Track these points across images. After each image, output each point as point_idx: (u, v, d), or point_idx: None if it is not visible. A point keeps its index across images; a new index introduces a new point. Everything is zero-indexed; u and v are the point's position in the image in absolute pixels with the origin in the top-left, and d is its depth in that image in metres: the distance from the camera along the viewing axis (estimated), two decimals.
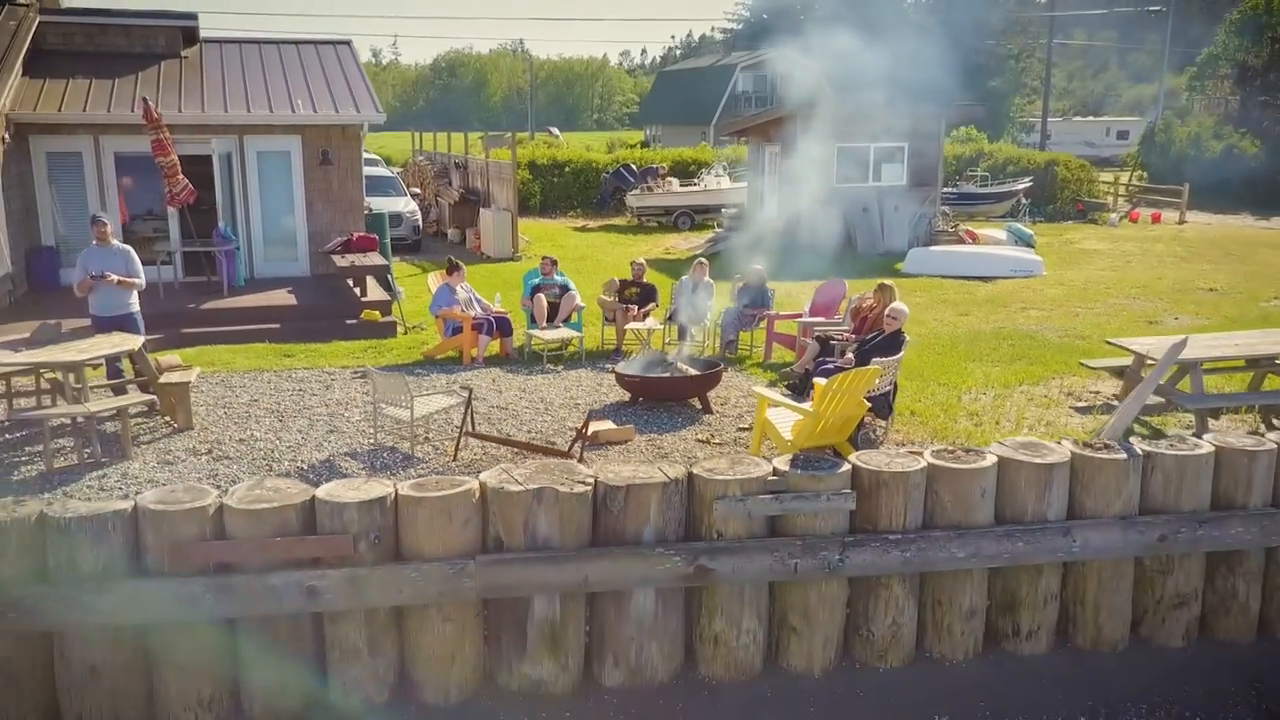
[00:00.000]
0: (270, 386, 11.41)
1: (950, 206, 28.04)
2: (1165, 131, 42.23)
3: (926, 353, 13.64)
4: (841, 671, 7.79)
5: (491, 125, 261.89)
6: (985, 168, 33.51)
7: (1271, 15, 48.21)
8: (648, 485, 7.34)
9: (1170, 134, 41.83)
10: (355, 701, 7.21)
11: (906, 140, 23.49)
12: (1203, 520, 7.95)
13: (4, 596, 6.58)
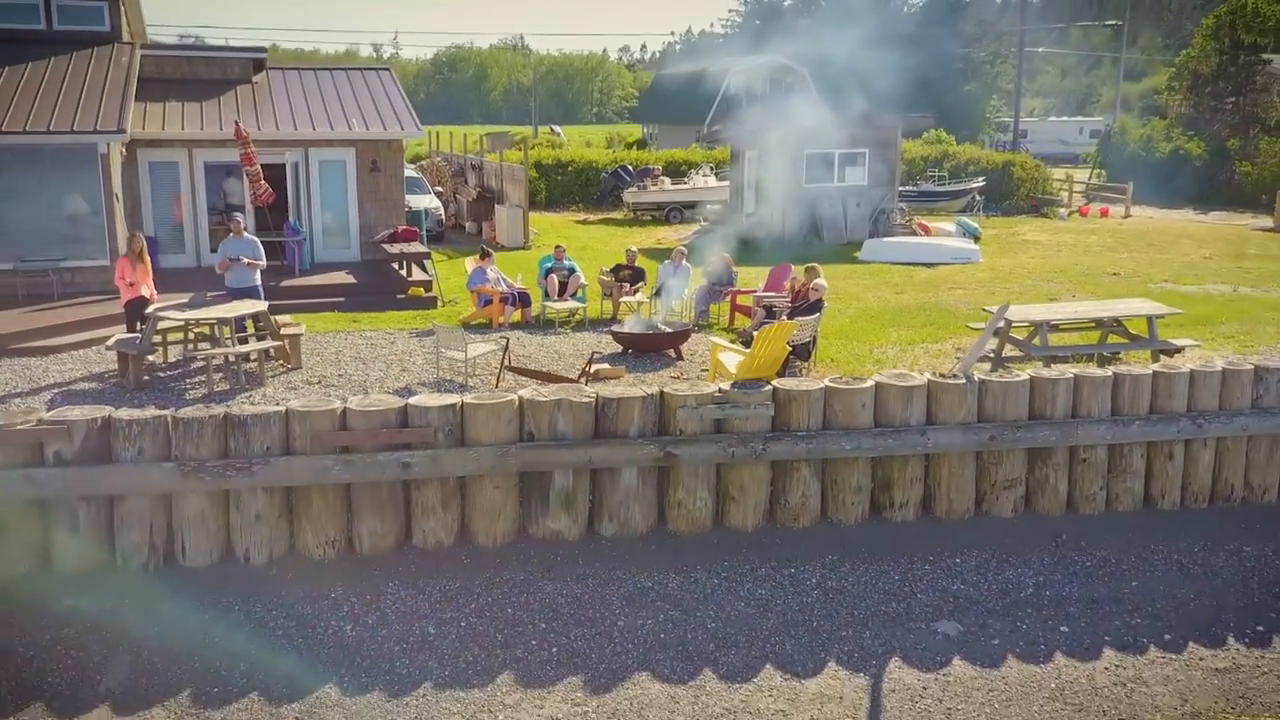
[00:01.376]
0: (348, 342, 14.64)
1: (911, 203, 31.31)
2: (1120, 134, 45.53)
3: (859, 320, 16.92)
4: (767, 529, 11.12)
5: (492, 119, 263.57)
6: (949, 168, 36.80)
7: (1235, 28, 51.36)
8: (632, 398, 10.68)
9: (1125, 136, 45.15)
10: (430, 544, 10.54)
11: (867, 146, 26.78)
12: (1020, 426, 11.29)
13: (200, 466, 9.91)
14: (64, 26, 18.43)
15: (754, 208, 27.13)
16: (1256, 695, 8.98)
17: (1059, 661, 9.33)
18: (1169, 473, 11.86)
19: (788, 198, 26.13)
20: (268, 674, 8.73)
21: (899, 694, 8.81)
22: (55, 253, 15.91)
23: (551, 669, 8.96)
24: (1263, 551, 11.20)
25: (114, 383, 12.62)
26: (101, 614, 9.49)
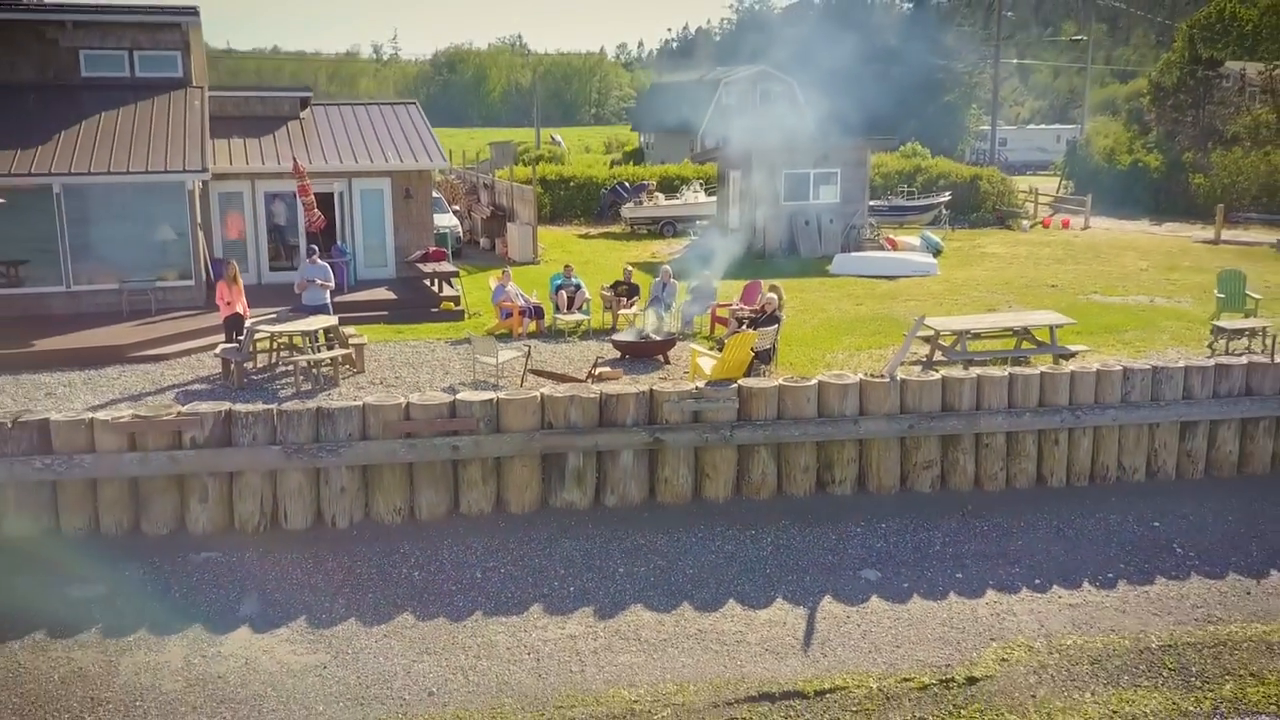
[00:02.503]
0: (397, 350, 17.47)
1: (883, 216, 34.14)
2: (1086, 146, 48.30)
3: (820, 329, 19.80)
4: (734, 499, 14.05)
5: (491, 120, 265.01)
6: (922, 181, 39.57)
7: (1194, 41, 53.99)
8: (628, 394, 13.59)
9: (1090, 148, 47.93)
10: (474, 512, 13.45)
11: (839, 167, 29.57)
12: (934, 417, 14.21)
13: (299, 449, 12.82)
14: (145, 74, 21.19)
15: (739, 223, 30.03)
16: (1097, 621, 11.92)
17: (951, 599, 12.26)
18: (1056, 455, 14.78)
19: (768, 214, 28.98)
20: (360, 606, 11.67)
21: (828, 620, 11.75)
22: (150, 274, 18.68)
23: (569, 602, 11.89)
24: (1125, 519, 14.12)
25: (219, 383, 15.47)
26: (230, 563, 12.43)
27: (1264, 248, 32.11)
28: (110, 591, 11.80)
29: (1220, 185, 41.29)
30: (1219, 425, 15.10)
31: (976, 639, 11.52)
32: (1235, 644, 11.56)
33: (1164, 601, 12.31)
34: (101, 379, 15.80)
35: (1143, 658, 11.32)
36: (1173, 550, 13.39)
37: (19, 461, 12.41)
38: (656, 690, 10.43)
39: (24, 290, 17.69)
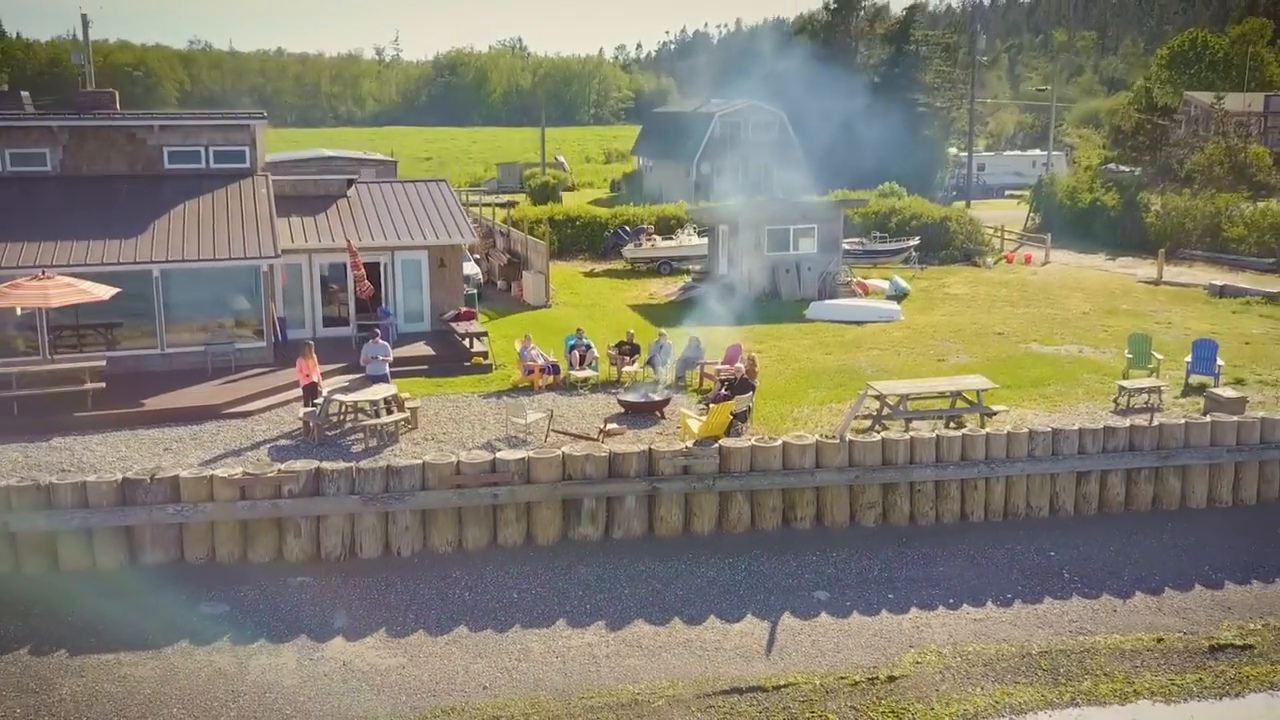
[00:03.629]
0: (440, 405, 20.74)
1: (857, 259, 37.44)
2: (1050, 184, 51.65)
3: (791, 381, 23.07)
4: (716, 534, 17.34)
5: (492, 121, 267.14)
6: (896, 221, 42.90)
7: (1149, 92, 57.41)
8: (631, 452, 16.90)
9: (1054, 186, 51.29)
10: (509, 544, 16.78)
11: (816, 222, 32.86)
12: (875, 469, 17.53)
13: (373, 497, 16.14)
14: (218, 165, 24.38)
15: (727, 270, 33.30)
16: (993, 632, 15.20)
17: (883, 614, 15.56)
18: (975, 498, 18.09)
19: (753, 263, 32.26)
20: (425, 620, 14.97)
21: (786, 632, 15.05)
22: (229, 337, 21.88)
23: (586, 617, 15.19)
24: (1027, 550, 17.40)
25: (301, 439, 18.75)
26: (320, 586, 15.74)
27: (1197, 289, 35.39)
28: (232, 608, 15.11)
29: (1170, 224, 44.57)
30: (1108, 473, 18.44)
31: (899, 646, 14.83)
32: (1097, 650, 14.89)
33: (1047, 616, 15.63)
34: (204, 434, 19.04)
35: (1024, 661, 14.65)
36: (1061, 575, 16.71)
37: (156, 508, 15.72)
38: (654, 686, 13.75)
39: (125, 352, 20.94)
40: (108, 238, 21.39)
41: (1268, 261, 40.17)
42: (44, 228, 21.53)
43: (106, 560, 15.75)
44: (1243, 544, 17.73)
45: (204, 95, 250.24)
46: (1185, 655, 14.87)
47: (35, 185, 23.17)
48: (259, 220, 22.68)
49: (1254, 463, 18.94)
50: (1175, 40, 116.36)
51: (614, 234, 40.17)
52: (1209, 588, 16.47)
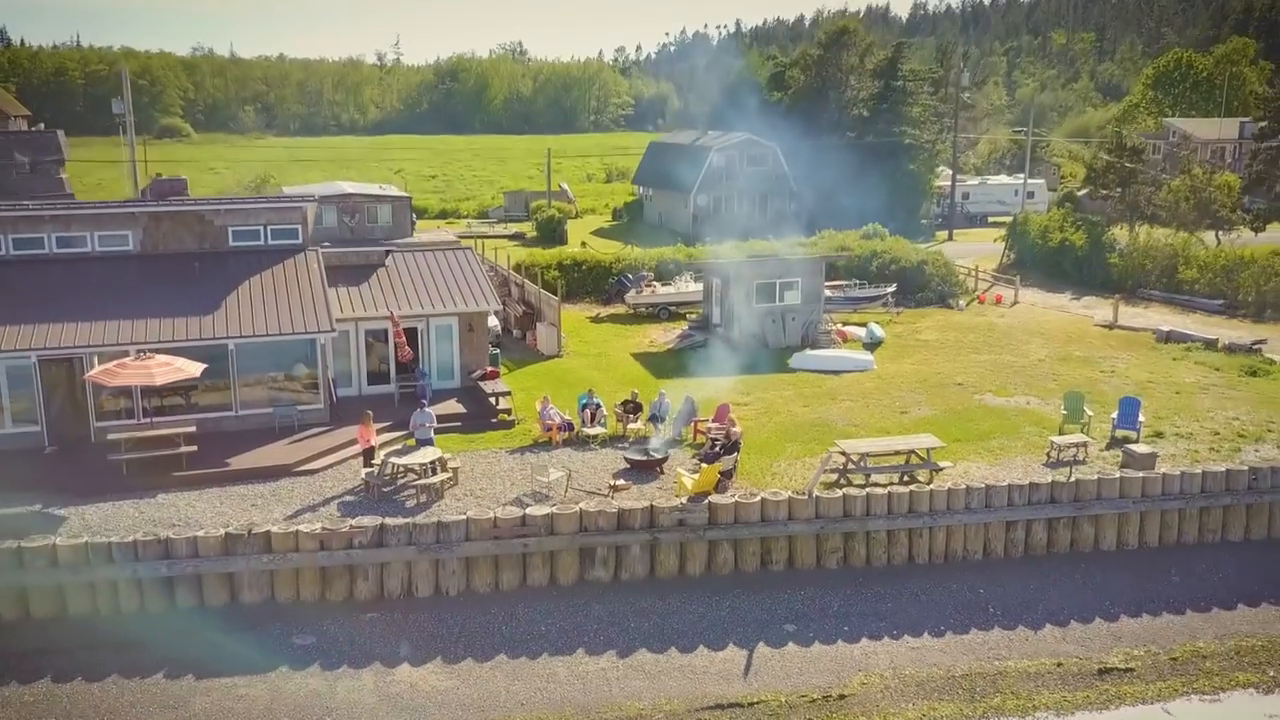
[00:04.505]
0: (474, 461, 24.48)
1: (839, 306, 41.18)
2: (1024, 223, 55.39)
3: (773, 435, 26.83)
4: (706, 575, 21.15)
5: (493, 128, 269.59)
6: (876, 265, 46.63)
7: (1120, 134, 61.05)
8: (635, 509, 20.78)
9: (1028, 225, 55.03)
10: (535, 585, 20.62)
11: (799, 276, 36.61)
12: (837, 520, 21.40)
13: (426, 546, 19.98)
14: (275, 242, 28.14)
15: (720, 319, 37.08)
16: (927, 659, 19.03)
17: (839, 644, 19.38)
18: (920, 544, 21.90)
19: (743, 314, 36.01)
20: (472, 649, 18.80)
21: (760, 658, 18.88)
22: (292, 400, 25.68)
23: (600, 646, 19.02)
24: (962, 588, 21.21)
25: (362, 496, 22.51)
26: (386, 620, 19.57)
27: (1146, 334, 39.11)
28: (318, 640, 18.95)
29: (1132, 264, 48.29)
30: (1032, 522, 22.28)
31: (850, 670, 18.67)
32: (1008, 673, 18.73)
33: (971, 645, 19.47)
34: (281, 491, 22.78)
35: (949, 682, 18.50)
36: (987, 609, 20.54)
37: (253, 558, 19.58)
38: (655, 703, 17.60)
39: (205, 415, 24.69)
40: (188, 314, 25.15)
41: (1217, 303, 43.95)
42: (130, 305, 25.29)
43: (213, 600, 19.60)
44: (1141, 582, 21.57)
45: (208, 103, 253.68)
46: (1079, 677, 18.73)
47: (119, 263, 26.95)
48: (314, 295, 26.45)
49: (1156, 511, 22.79)
50: (1161, 60, 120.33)
51: (618, 280, 43.92)
52: (1106, 620, 20.32)
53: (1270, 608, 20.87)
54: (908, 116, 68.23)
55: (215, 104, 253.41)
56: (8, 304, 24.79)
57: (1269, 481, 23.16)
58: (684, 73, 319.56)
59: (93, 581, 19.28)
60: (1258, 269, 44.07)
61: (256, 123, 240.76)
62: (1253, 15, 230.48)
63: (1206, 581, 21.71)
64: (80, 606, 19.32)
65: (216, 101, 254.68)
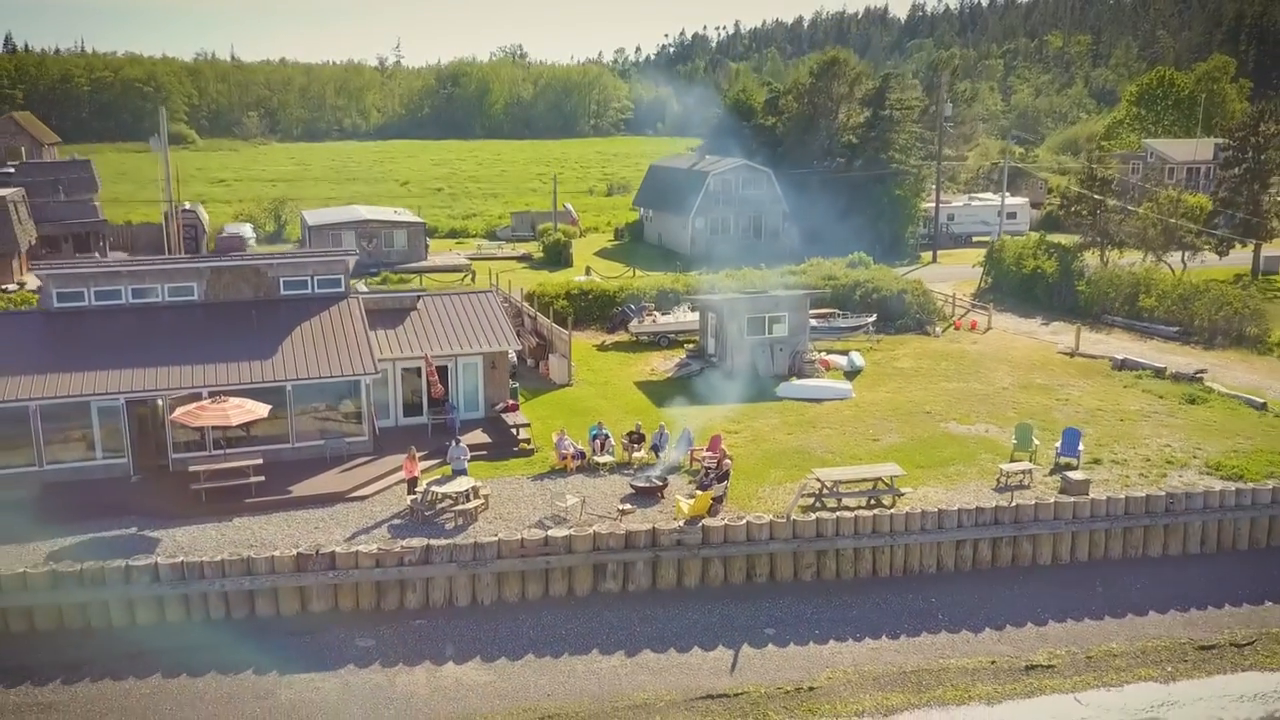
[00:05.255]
0: (501, 487, 28.15)
1: (823, 334, 44.93)
2: (1000, 250, 59.17)
3: (760, 461, 30.62)
4: (700, 587, 24.94)
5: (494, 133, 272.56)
6: (860, 294, 50.41)
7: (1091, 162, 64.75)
8: (641, 530, 24.67)
9: (1004, 252, 58.80)
10: (556, 595, 24.51)
11: (786, 311, 40.41)
12: (811, 540, 25.29)
13: (466, 563, 23.86)
14: (320, 290, 31.94)
15: (714, 350, 40.89)
16: (883, 658, 22.86)
17: (810, 645, 23.21)
18: (882, 560, 25.73)
19: (735, 345, 39.81)
20: (505, 648, 22.65)
21: (744, 657, 22.72)
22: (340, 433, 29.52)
23: (611, 647, 22.85)
24: (916, 597, 25.00)
25: (407, 519, 26.31)
26: (432, 626, 23.42)
27: (1103, 362, 42.92)
28: (377, 642, 22.80)
29: (1098, 292, 52.11)
30: (979, 540, 26.15)
31: (819, 667, 22.51)
32: (950, 669, 22.58)
33: (921, 646, 23.33)
34: (338, 515, 26.56)
35: (900, 676, 22.36)
36: (937, 616, 24.38)
37: (320, 574, 23.45)
38: (657, 694, 21.47)
39: (266, 447, 28.53)
40: (249, 359, 28.92)
41: (1173, 330, 47.82)
42: (198, 350, 29.01)
43: (287, 609, 23.46)
44: (1069, 592, 25.39)
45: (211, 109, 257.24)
46: (1009, 672, 22.59)
47: (185, 311, 30.74)
48: (358, 339, 30.27)
49: (1085, 532, 26.67)
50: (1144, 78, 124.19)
51: (621, 310, 47.77)
52: (1036, 624, 24.16)
53: (1177, 614, 24.74)
54: (895, 144, 72.04)
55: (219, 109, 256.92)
56: (95, 350, 28.62)
57: (1183, 505, 27.05)
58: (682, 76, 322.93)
59: (187, 594, 23.14)
60: (1210, 298, 47.91)
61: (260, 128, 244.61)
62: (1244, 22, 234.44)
63: (1126, 592, 25.57)
64: (176, 615, 23.15)
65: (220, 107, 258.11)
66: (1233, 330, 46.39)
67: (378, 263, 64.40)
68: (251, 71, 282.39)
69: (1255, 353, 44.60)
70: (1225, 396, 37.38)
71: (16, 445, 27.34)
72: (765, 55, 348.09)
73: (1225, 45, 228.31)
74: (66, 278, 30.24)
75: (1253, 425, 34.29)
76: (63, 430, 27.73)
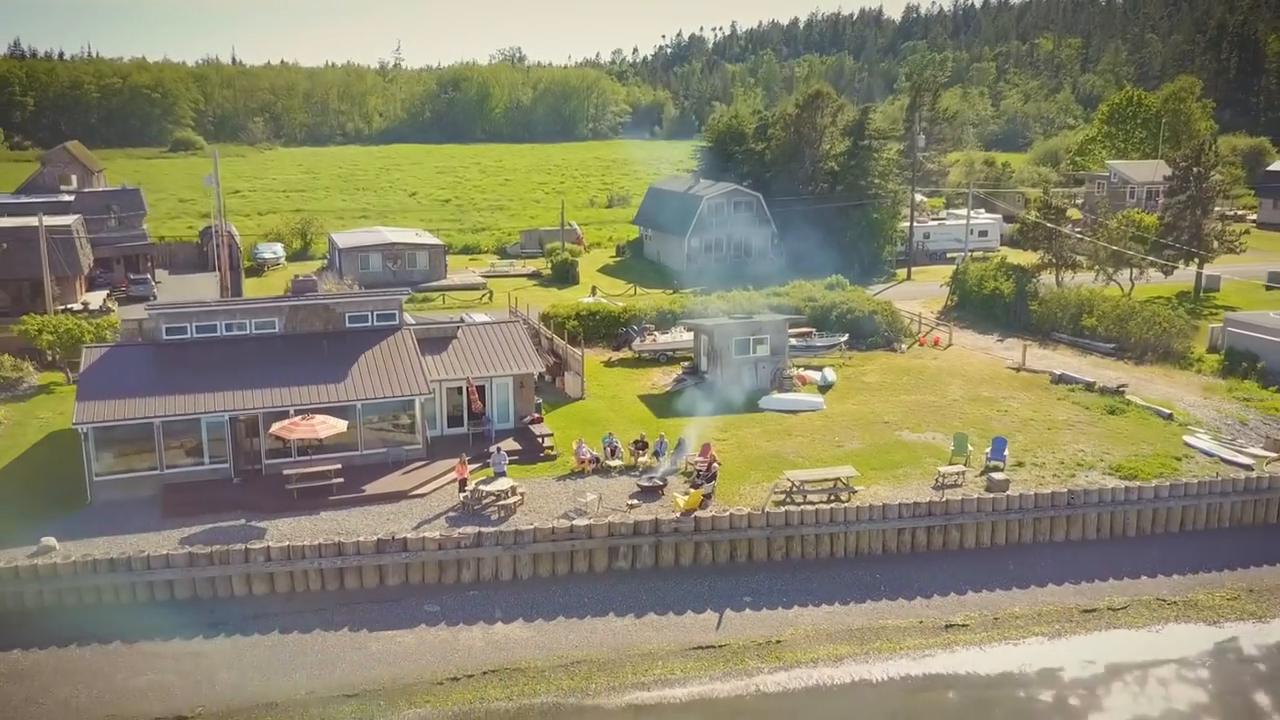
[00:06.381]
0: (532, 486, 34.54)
1: (800, 353, 51.30)
2: (964, 272, 65.57)
3: (742, 465, 37.01)
4: (693, 565, 31.47)
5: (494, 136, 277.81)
6: (836, 315, 56.77)
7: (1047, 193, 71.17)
8: (646, 519, 31.17)
9: (967, 274, 65.18)
10: (579, 572, 31.04)
11: (769, 334, 46.80)
12: (780, 527, 31.82)
13: (508, 546, 30.39)
14: (379, 324, 38.29)
15: (707, 368, 47.35)
16: (838, 620, 29.40)
17: (779, 609, 29.60)
18: (839, 543, 32.24)
19: (725, 363, 46.23)
20: (542, 610, 29.16)
21: (727, 619, 29.16)
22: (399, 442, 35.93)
23: (623, 610, 29.25)
24: (866, 573, 31.38)
25: (459, 512, 32.65)
26: (482, 596, 29.91)
27: (1044, 376, 49.36)
28: (441, 608, 29.30)
29: (1048, 311, 58.57)
30: (915, 528, 32.66)
31: (785, 626, 29.00)
32: (886, 628, 29.06)
33: (865, 611, 29.79)
34: (404, 509, 32.85)
35: (847, 633, 28.80)
36: (879, 588, 30.81)
37: (395, 555, 29.94)
38: (660, 646, 27.91)
39: (340, 454, 34.95)
40: (325, 381, 35.34)
41: (1110, 346, 54.35)
42: (282, 374, 35.34)
43: (369, 582, 29.92)
44: (986, 569, 31.82)
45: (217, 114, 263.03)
46: (932, 629, 29.09)
47: (269, 341, 37.19)
48: (411, 364, 36.73)
49: (1003, 521, 33.21)
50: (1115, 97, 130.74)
51: (625, 330, 54.33)
52: (958, 594, 30.65)
53: (1070, 586, 31.18)
54: (873, 171, 78.53)
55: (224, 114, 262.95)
56: (200, 374, 34.99)
57: (1082, 500, 33.58)
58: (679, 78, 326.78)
59: (292, 571, 29.60)
60: (1142, 319, 54.36)
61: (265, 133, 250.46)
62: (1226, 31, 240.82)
63: (1032, 569, 32.03)
64: (284, 587, 29.60)
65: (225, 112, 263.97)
66: (1160, 347, 52.76)
67: (402, 281, 70.71)
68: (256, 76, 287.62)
69: (1178, 367, 50.97)
70: (1140, 408, 43.80)
71: (142, 452, 33.74)
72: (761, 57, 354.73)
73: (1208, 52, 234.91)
74: (173, 315, 36.70)
75: (1157, 433, 40.79)
76: (178, 440, 34.14)
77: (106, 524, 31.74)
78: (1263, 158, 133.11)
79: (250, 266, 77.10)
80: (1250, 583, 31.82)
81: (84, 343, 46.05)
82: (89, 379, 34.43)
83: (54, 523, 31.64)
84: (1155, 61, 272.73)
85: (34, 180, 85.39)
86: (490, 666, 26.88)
